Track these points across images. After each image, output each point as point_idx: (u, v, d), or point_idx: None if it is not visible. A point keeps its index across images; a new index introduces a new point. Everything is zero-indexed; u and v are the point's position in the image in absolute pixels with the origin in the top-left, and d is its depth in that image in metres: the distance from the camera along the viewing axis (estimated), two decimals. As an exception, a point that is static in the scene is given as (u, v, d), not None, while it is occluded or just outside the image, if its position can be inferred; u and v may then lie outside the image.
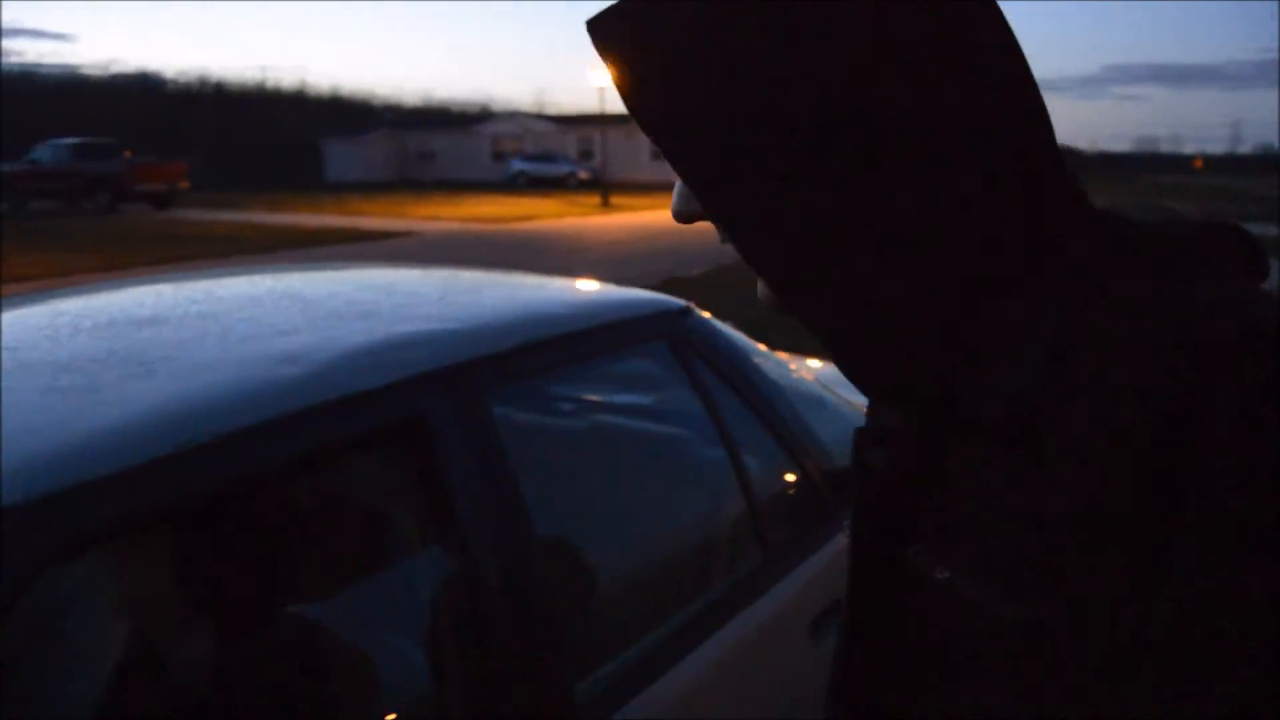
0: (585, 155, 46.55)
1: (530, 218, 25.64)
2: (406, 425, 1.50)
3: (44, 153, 29.17)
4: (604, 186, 34.28)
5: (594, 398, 2.31)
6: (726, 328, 2.36)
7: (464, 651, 1.52)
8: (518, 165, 46.96)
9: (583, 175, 43.53)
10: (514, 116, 59.51)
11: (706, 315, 2.28)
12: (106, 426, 1.26)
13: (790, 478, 2.26)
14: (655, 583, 2.02)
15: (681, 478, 2.27)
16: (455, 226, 22.96)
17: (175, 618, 1.44)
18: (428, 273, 2.39)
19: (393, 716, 1.55)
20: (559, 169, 45.41)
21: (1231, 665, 0.51)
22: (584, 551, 1.85)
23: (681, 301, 2.22)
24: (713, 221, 0.68)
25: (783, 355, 2.79)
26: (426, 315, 1.79)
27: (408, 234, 20.71)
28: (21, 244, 16.73)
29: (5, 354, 1.56)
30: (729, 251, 0.69)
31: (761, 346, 2.50)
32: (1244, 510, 0.51)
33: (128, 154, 28.85)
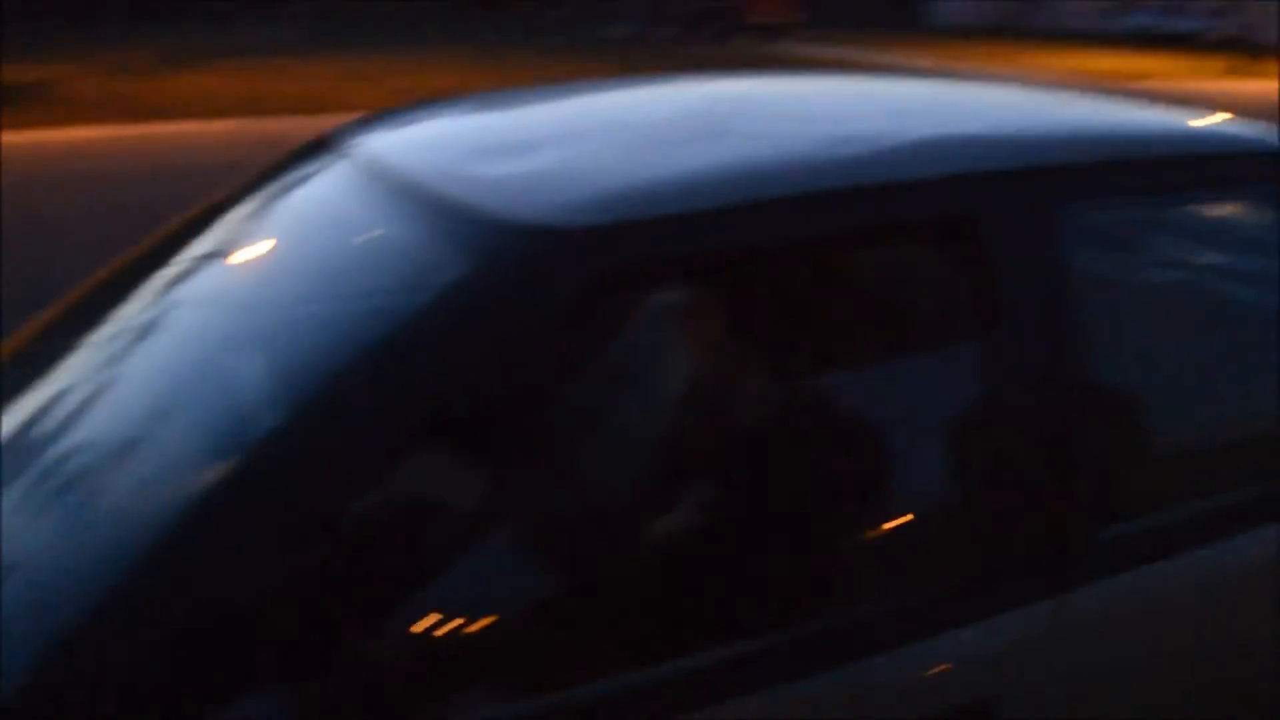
0: (1217, 13, 41.02)
1: (1144, 76, 23.25)
2: (959, 221, 1.44)
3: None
4: (1240, 46, 30.08)
5: (1176, 238, 2.05)
6: None
7: (977, 469, 1.47)
8: (1136, 18, 42.69)
9: (1214, 35, 38.53)
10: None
11: None
12: (666, 176, 1.36)
13: None
14: (1209, 455, 1.79)
15: (1267, 352, 1.96)
16: (1060, 79, 21.55)
17: (710, 360, 1.54)
18: (1009, 86, 2.26)
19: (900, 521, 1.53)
20: (1186, 24, 40.56)
21: None
22: (1132, 397, 1.68)
23: None
24: None
25: None
26: (997, 119, 1.72)
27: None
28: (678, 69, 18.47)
29: (608, 114, 1.82)
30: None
31: None
32: None
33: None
